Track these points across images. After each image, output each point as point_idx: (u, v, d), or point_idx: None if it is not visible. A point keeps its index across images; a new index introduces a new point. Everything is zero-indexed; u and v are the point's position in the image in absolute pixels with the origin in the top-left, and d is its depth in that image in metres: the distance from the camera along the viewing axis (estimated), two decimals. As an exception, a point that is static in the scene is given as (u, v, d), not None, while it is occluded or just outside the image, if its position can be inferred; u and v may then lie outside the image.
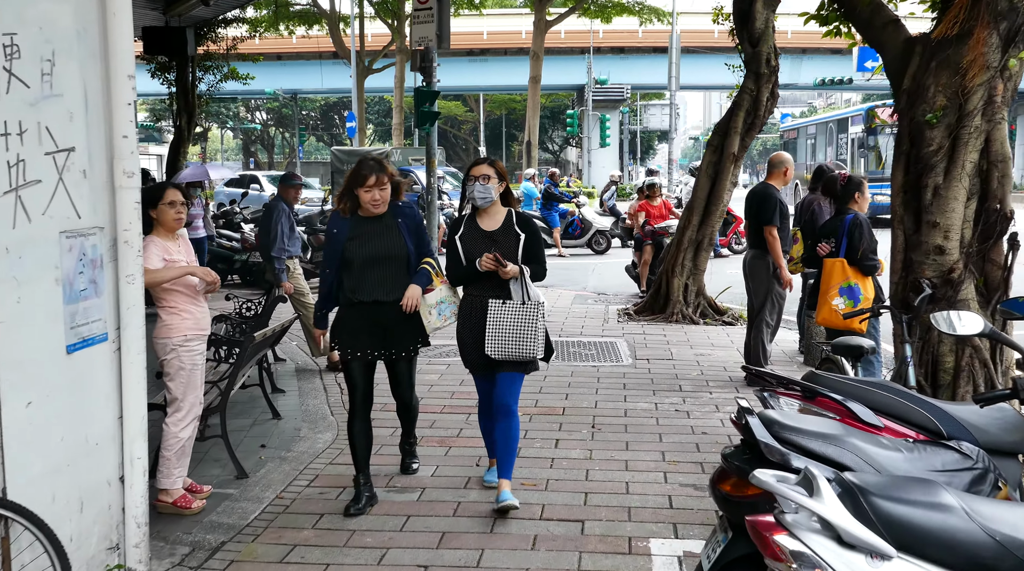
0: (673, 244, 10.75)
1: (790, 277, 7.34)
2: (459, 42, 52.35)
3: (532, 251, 4.78)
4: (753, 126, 10.43)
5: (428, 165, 14.12)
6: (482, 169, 4.78)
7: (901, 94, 4.25)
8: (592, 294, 13.22)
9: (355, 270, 4.75)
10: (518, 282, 4.68)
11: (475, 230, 4.80)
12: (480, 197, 4.72)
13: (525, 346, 4.69)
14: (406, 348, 4.90)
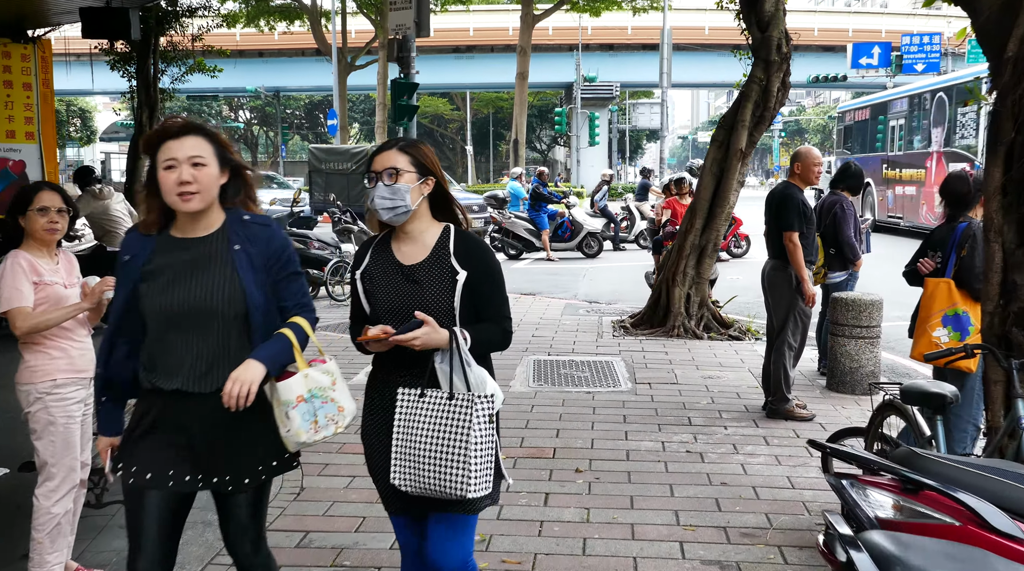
0: (674, 250, 9.74)
1: (813, 291, 6.33)
2: (445, 38, 51.34)
3: (483, 300, 2.83)
4: (763, 119, 9.43)
5: (406, 163, 13.00)
6: (388, 158, 2.79)
7: (1004, 65, 3.28)
8: (584, 303, 12.21)
9: (152, 332, 2.70)
10: (447, 359, 2.69)
11: (386, 263, 2.85)
12: (386, 207, 2.75)
13: (451, 475, 2.63)
14: (245, 474, 2.74)
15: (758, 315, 10.59)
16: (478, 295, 2.81)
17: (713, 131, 9.77)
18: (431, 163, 2.84)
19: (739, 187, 9.56)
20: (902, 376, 7.82)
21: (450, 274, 2.77)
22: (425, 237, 2.84)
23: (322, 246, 12.49)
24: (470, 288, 2.77)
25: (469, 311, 2.80)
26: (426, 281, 2.77)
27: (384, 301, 2.81)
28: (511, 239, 18.04)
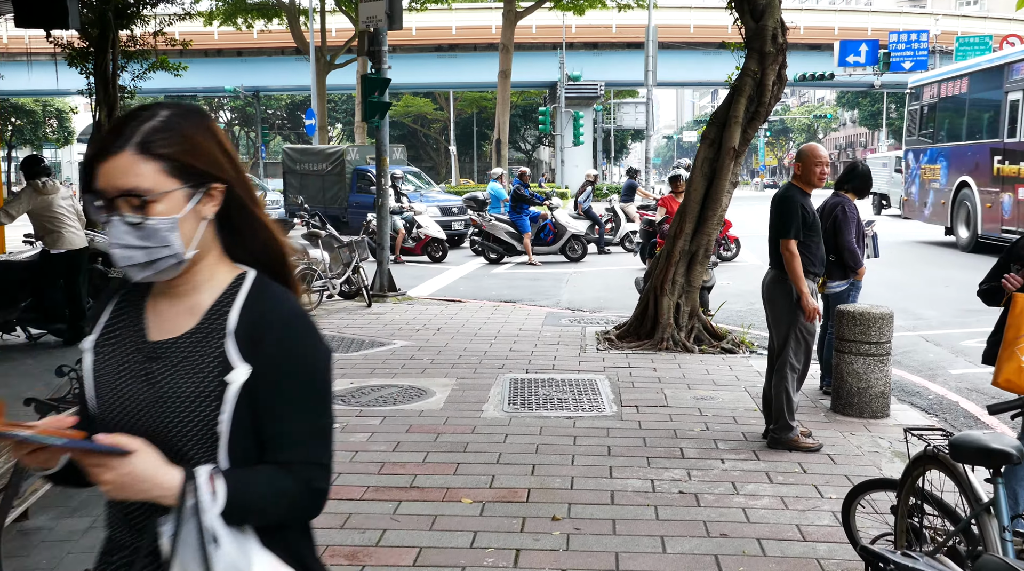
0: (662, 256, 9.05)
1: (814, 306, 5.62)
2: (427, 37, 50.61)
3: (276, 422, 1.53)
4: (757, 115, 8.76)
5: (378, 163, 12.36)
6: (119, 170, 1.49)
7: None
8: (567, 311, 11.51)
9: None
10: (181, 528, 1.43)
11: (126, 331, 1.61)
12: (135, 262, 1.52)
13: None
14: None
15: (753, 325, 9.93)
16: (266, 412, 1.52)
17: (703, 128, 9.09)
18: (208, 156, 1.55)
19: (732, 188, 8.89)
20: (912, 395, 7.17)
21: (217, 368, 1.51)
22: (200, 293, 1.59)
23: (288, 252, 11.73)
24: (253, 398, 1.51)
25: (249, 439, 1.53)
26: (171, 375, 1.52)
27: (105, 400, 1.57)
28: (491, 242, 17.33)
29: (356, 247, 11.94)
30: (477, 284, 14.64)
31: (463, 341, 9.22)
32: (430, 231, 17.72)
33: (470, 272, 16.23)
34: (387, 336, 9.57)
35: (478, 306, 11.88)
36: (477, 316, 10.95)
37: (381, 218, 12.50)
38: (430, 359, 8.30)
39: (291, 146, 23.37)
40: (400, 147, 23.40)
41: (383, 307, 11.74)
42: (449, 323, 10.40)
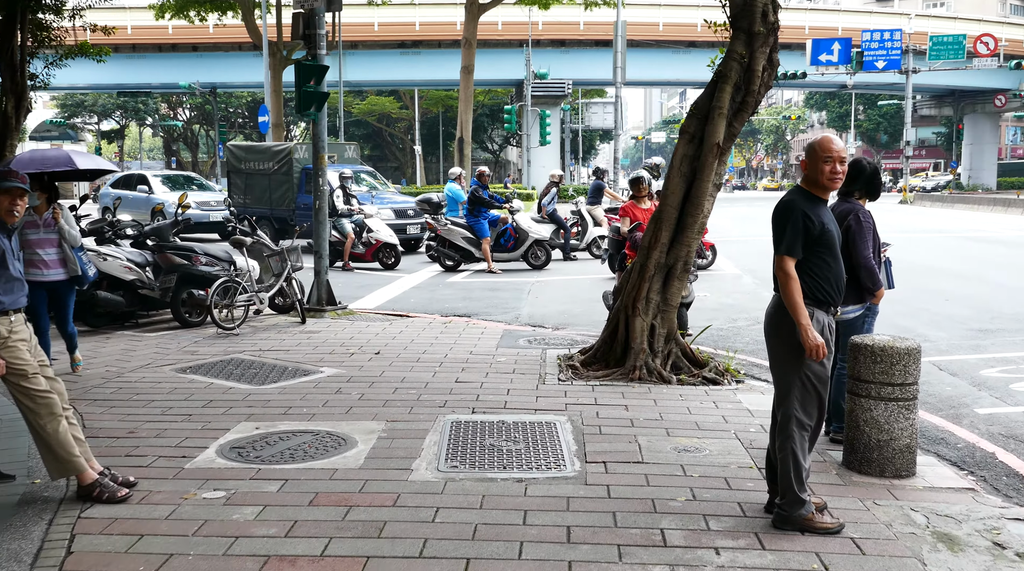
0: (634, 270, 7.78)
1: (816, 343, 4.32)
2: (389, 33, 49.15)
3: None
4: (744, 106, 7.52)
5: (315, 161, 11.02)
6: None
7: None
8: (526, 328, 10.22)
9: None
10: None
11: None
12: None
13: None
14: None
15: (739, 348, 8.70)
16: None
17: (682, 121, 7.84)
18: None
19: (716, 191, 7.64)
20: (935, 442, 5.95)
21: None
22: None
23: (211, 261, 10.34)
24: None
25: None
26: None
27: None
28: (447, 249, 16.00)
29: (289, 255, 10.56)
30: (431, 294, 13.31)
31: (403, 368, 7.89)
32: (381, 236, 16.35)
33: (424, 281, 14.89)
34: (315, 362, 8.21)
35: (427, 322, 10.55)
36: (424, 335, 9.63)
37: (318, 223, 11.14)
38: (359, 394, 6.97)
39: (235, 143, 21.86)
40: (353, 145, 21.97)
41: (319, 324, 10.37)
42: (391, 344, 9.06)
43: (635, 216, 9.19)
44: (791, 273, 4.29)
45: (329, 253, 16.70)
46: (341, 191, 16.64)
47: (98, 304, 9.75)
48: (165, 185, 24.55)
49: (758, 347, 8.95)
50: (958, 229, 24.63)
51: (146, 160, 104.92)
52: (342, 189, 16.68)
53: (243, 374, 7.71)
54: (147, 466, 5.24)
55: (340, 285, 14.26)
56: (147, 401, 6.79)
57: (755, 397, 6.89)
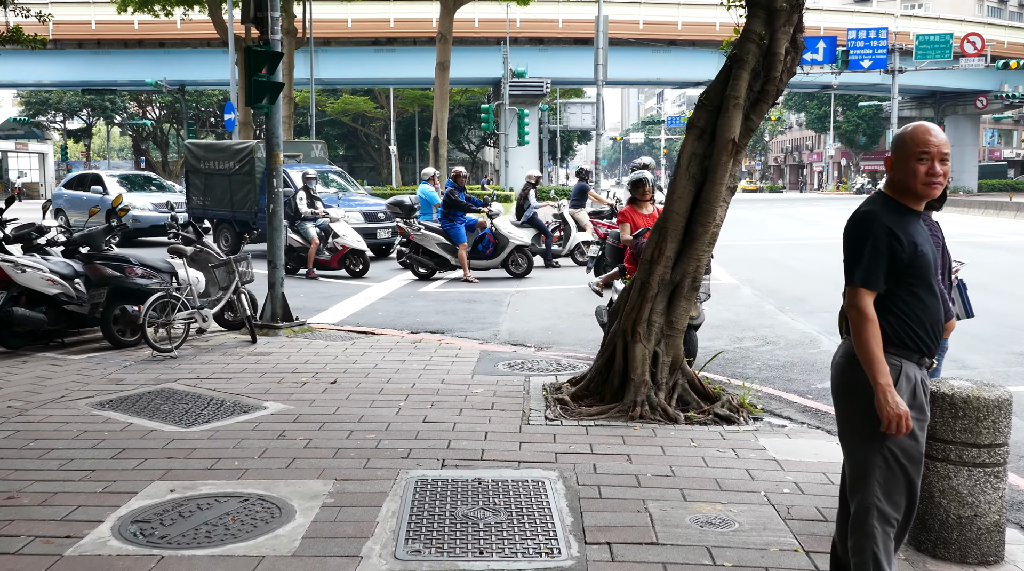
0: (634, 287, 6.64)
1: (899, 412, 3.08)
2: (364, 30, 47.85)
3: None
4: (764, 96, 6.40)
5: (268, 160, 9.83)
6: None
7: None
8: (506, 348, 9.07)
9: None
10: None
11: None
12: None
13: None
14: None
15: (751, 376, 7.59)
16: None
17: (689, 114, 6.72)
18: None
19: (730, 195, 6.53)
20: (1016, 508, 4.84)
21: None
22: None
23: (148, 273, 9.10)
24: None
25: None
26: None
27: None
28: (421, 255, 14.81)
29: (237, 264, 9.35)
30: (400, 307, 12.12)
31: (362, 403, 6.71)
32: (348, 241, 15.13)
33: (394, 290, 13.69)
34: (260, 393, 7.01)
35: (395, 341, 9.37)
36: (390, 358, 8.45)
37: (272, 229, 9.93)
38: (307, 439, 5.78)
39: (194, 142, 20.54)
40: (320, 144, 20.74)
41: (271, 343, 9.16)
42: (351, 370, 7.88)
43: (636, 222, 8.05)
44: (868, 312, 3.16)
45: (292, 260, 15.58)
46: (304, 193, 15.42)
47: (15, 322, 8.49)
48: (122, 185, 23.16)
49: (772, 373, 7.83)
50: (955, 234, 23.67)
51: (116, 159, 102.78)
52: (306, 190, 15.46)
53: (171, 411, 6.50)
54: (14, 553, 4.03)
55: (302, 295, 13.08)
56: (45, 451, 5.56)
57: (780, 442, 5.77)
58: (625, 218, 8.13)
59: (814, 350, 8.69)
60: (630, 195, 8.54)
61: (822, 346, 8.87)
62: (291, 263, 15.50)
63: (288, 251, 15.41)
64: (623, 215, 8.19)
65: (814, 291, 12.64)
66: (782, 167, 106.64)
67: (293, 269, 15.59)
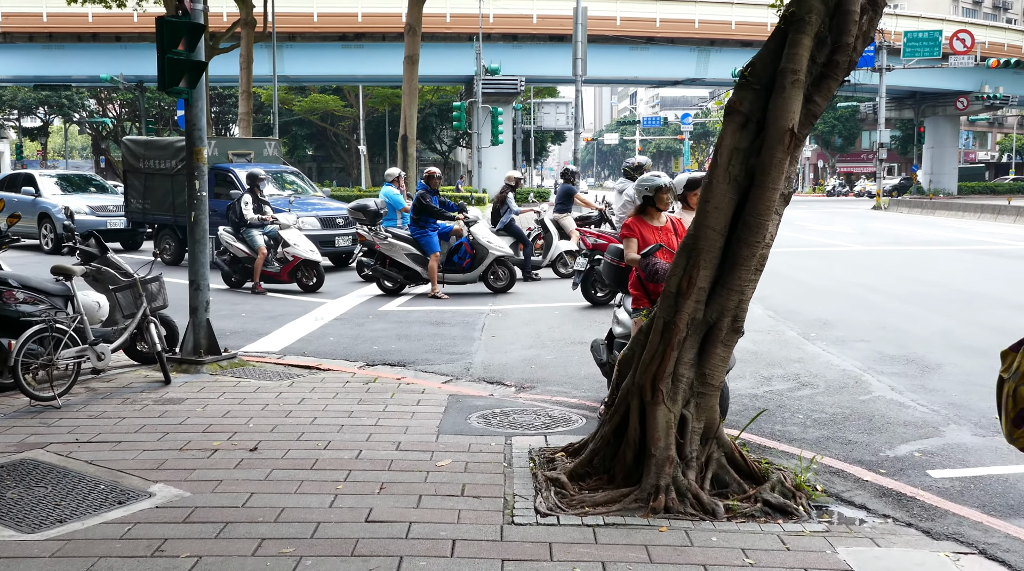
0: (654, 329, 4.92)
1: None
2: (330, 24, 45.83)
3: None
4: (832, 69, 4.72)
5: (189, 158, 8.04)
6: None
7: None
8: (480, 390, 7.35)
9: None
10: None
11: None
12: None
13: None
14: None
15: (794, 435, 5.90)
16: None
17: (727, 96, 5.03)
18: None
19: (784, 204, 4.85)
20: None
21: None
22: None
23: (32, 298, 7.27)
24: None
25: None
26: None
27: None
28: (388, 268, 13.02)
29: (146, 286, 7.55)
30: (357, 330, 10.36)
31: (286, 484, 4.96)
32: (299, 251, 13.33)
33: (350, 309, 11.89)
34: (151, 468, 5.23)
35: (343, 381, 7.61)
36: (336, 406, 6.70)
37: (194, 241, 8.13)
38: (194, 558, 4.02)
39: (132, 138, 18.62)
40: (274, 141, 18.89)
41: (189, 385, 7.38)
42: (282, 427, 6.12)
43: (645, 238, 6.34)
44: None
45: (238, 272, 13.74)
46: (251, 196, 13.60)
47: None
48: (58, 186, 21.16)
49: (822, 432, 6.14)
50: (963, 241, 22.22)
51: (77, 159, 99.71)
52: (252, 194, 13.64)
53: (19, 500, 4.71)
54: None
55: (243, 315, 11.30)
56: None
57: (868, 554, 4.10)
58: (632, 232, 6.42)
59: (865, 397, 7.02)
60: (639, 203, 6.74)
61: (873, 391, 7.21)
62: (236, 275, 13.70)
63: (232, 262, 13.61)
64: (628, 228, 6.48)
65: (838, 313, 10.98)
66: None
67: (238, 282, 13.77)
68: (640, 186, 6.50)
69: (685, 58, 48.87)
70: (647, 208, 6.47)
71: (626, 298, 6.94)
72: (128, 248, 20.11)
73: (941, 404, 6.77)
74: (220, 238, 13.54)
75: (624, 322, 6.76)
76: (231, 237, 13.57)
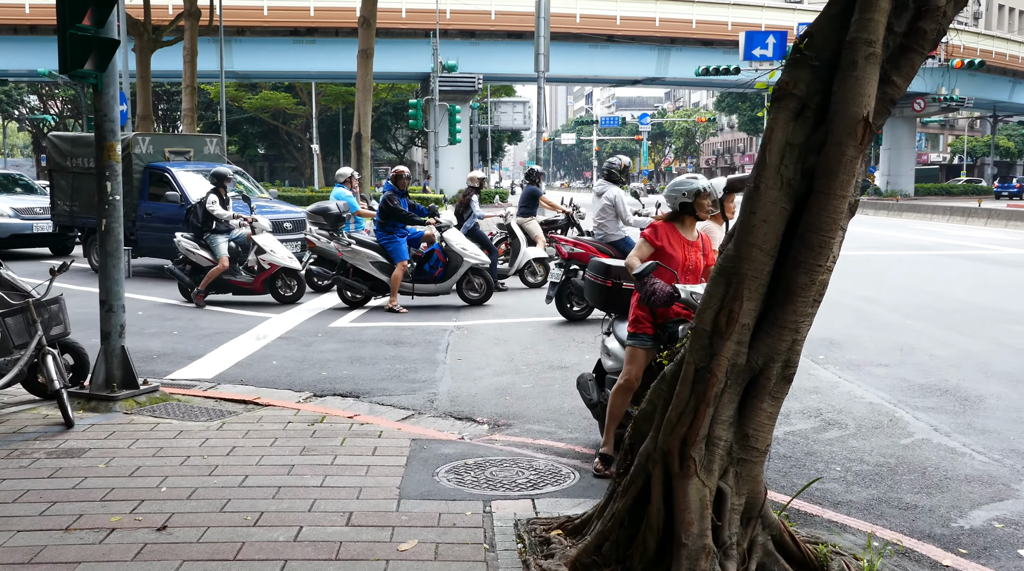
0: (684, 378, 3.79)
1: None
2: (281, 19, 44.22)
3: None
4: (916, 39, 3.63)
5: (99, 157, 6.78)
6: None
7: None
8: (448, 431, 6.21)
9: None
10: None
11: None
12: None
13: None
14: None
15: (835, 495, 4.80)
16: None
17: (773, 75, 3.92)
18: None
19: (850, 216, 3.75)
20: None
21: None
22: None
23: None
24: None
25: None
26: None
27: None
28: (352, 277, 11.75)
29: (40, 311, 6.27)
30: (303, 351, 9.13)
31: (200, 585, 3.75)
32: (277, 258, 12.00)
33: (297, 325, 10.63)
34: (20, 563, 3.99)
35: (285, 421, 6.39)
36: (273, 459, 5.49)
37: (106, 254, 6.85)
38: None
39: (58, 134, 17.11)
40: (215, 138, 17.49)
41: (96, 429, 6.10)
42: (203, 491, 4.90)
43: (668, 249, 5.19)
44: None
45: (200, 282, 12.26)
46: (216, 197, 12.13)
47: None
48: (-19, 188, 19.54)
49: (869, 491, 5.05)
50: (943, 245, 21.51)
51: (19, 157, 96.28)
52: (217, 194, 12.18)
53: None
54: None
55: (175, 332, 10.01)
56: None
57: None
58: (655, 236, 5.22)
59: (906, 440, 5.95)
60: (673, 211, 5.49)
61: (913, 432, 6.13)
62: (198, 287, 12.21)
63: (194, 273, 12.17)
64: (654, 231, 5.28)
65: (842, 330, 9.92)
66: (713, 170, 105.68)
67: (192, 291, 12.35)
68: (675, 190, 5.34)
69: (645, 57, 48.09)
70: (683, 217, 5.35)
71: (617, 323, 5.83)
72: (57, 253, 18.59)
73: (1002, 451, 5.73)
74: (179, 246, 12.15)
75: (616, 353, 5.65)
76: (192, 244, 12.15)
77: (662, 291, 4.96)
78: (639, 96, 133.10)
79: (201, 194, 14.97)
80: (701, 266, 5.39)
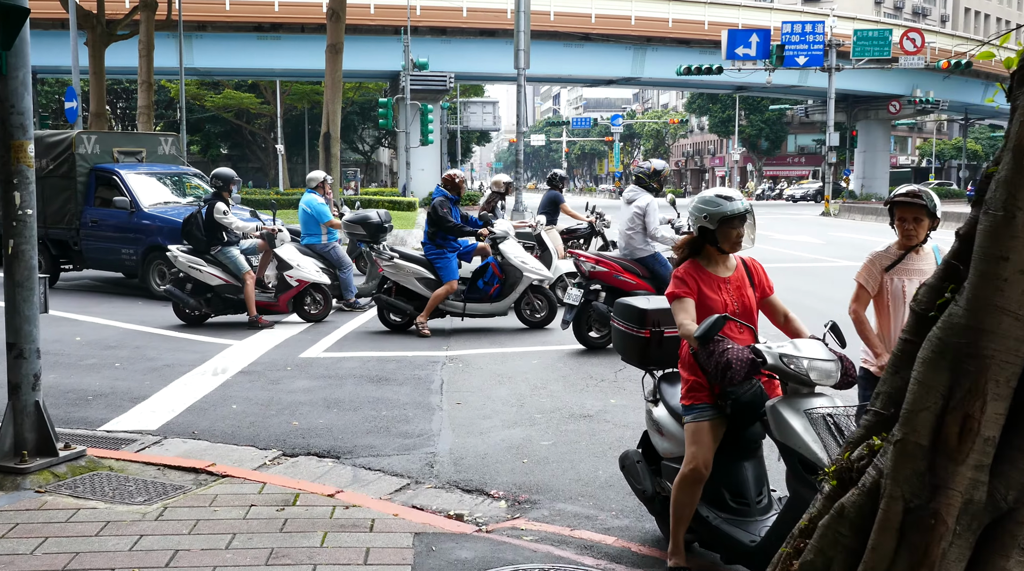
0: (885, 518, 2.40)
1: None
2: (244, 13, 42.37)
3: None
4: None
5: (6, 152, 5.21)
6: None
7: None
8: (457, 525, 4.79)
9: None
10: None
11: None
12: None
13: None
14: None
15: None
16: None
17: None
18: None
19: None
20: None
21: None
22: None
23: None
24: None
25: None
26: None
27: None
28: (396, 297, 10.21)
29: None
30: (270, 391, 7.64)
31: None
32: (306, 273, 10.56)
33: (262, 356, 9.10)
34: None
35: (245, 506, 4.92)
36: (227, 569, 4.03)
37: (14, 284, 5.33)
38: None
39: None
40: (171, 137, 15.87)
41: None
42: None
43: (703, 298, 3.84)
44: None
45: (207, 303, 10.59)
46: (222, 203, 10.51)
47: None
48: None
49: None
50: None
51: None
52: (222, 199, 10.53)
53: None
54: None
55: (118, 365, 8.40)
56: None
57: None
58: (685, 288, 3.90)
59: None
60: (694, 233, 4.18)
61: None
62: (204, 308, 10.56)
63: (196, 291, 10.55)
64: (681, 283, 3.93)
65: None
66: (683, 171, 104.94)
67: (203, 317, 10.65)
68: (699, 209, 3.98)
69: (621, 56, 46.90)
70: (705, 247, 3.99)
71: (664, 384, 4.46)
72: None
73: None
74: (175, 262, 10.45)
75: (669, 429, 4.25)
76: (193, 259, 10.43)
77: (739, 361, 3.60)
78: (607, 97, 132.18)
79: (154, 199, 13.48)
80: (754, 303, 4.08)
